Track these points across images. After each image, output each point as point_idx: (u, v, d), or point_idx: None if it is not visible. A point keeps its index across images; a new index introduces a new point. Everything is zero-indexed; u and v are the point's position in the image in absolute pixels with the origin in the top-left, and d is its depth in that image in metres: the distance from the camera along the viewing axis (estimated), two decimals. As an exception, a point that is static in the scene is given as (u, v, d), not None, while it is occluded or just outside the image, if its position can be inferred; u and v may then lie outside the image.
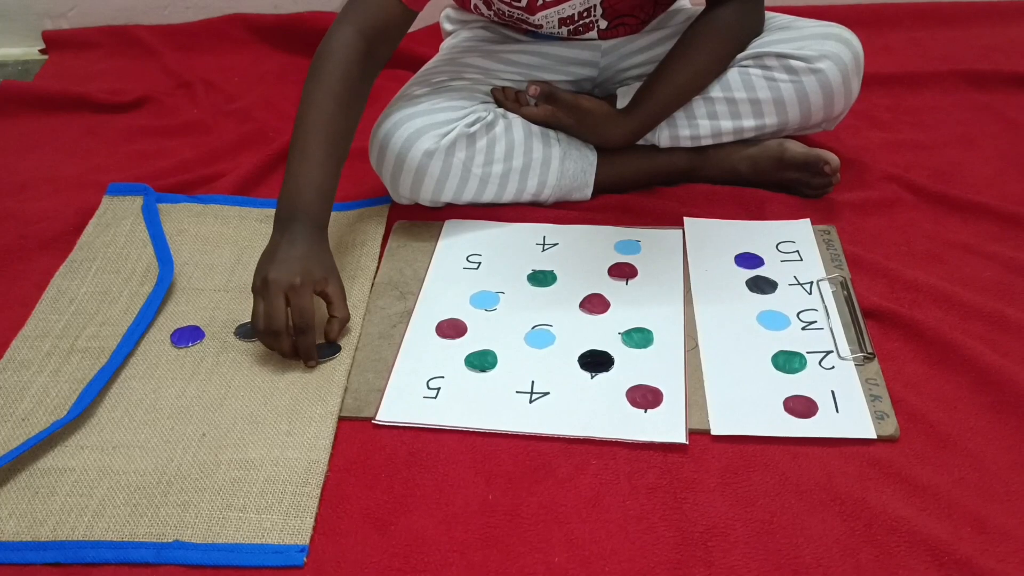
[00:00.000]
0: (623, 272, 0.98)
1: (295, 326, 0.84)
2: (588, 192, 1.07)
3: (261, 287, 0.83)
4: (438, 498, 0.75)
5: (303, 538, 0.71)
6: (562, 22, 1.04)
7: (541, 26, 1.04)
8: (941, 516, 0.72)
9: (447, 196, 1.02)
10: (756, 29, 1.06)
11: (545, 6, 1.01)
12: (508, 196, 1.04)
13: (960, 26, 1.46)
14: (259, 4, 1.52)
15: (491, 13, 1.06)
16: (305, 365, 0.85)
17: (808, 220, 1.03)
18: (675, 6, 1.12)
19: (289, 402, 0.83)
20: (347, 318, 0.88)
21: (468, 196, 1.02)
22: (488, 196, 1.03)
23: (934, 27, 1.46)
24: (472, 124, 1.00)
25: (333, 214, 1.06)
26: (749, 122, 1.04)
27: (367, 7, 0.93)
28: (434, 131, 0.98)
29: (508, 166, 1.02)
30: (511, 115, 1.05)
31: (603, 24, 1.05)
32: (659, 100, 1.03)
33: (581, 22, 1.04)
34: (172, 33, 1.50)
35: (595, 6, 1.02)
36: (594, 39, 1.08)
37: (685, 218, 1.04)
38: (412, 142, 0.98)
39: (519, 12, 1.02)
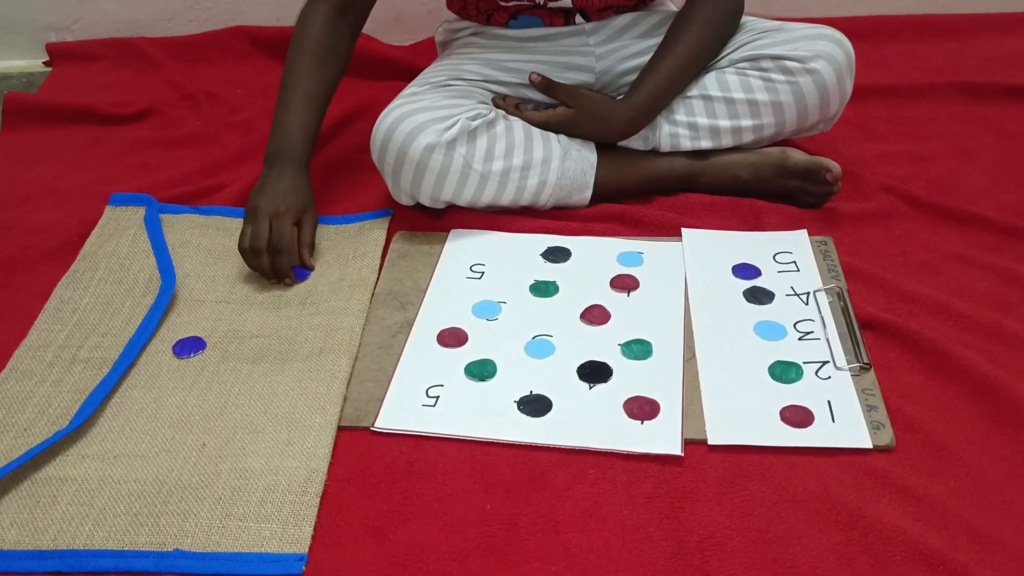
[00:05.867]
0: (625, 284, 0.98)
1: (274, 247, 0.97)
2: (587, 194, 1.07)
3: (250, 213, 0.98)
4: (437, 507, 0.75)
5: (302, 547, 0.72)
6: None
7: None
8: (937, 526, 0.72)
9: (447, 194, 1.02)
10: (735, 14, 1.09)
11: None
12: (508, 196, 1.04)
13: (957, 38, 1.47)
14: (262, 17, 1.53)
15: None
16: (281, 283, 0.99)
17: (805, 231, 1.04)
18: (668, 9, 1.14)
19: (288, 412, 0.83)
20: (312, 243, 1.02)
21: (468, 195, 1.03)
22: (488, 195, 1.03)
23: (931, 39, 1.47)
24: (474, 118, 1.01)
25: (334, 227, 1.09)
26: (747, 122, 1.06)
27: None
28: (436, 125, 0.99)
29: (509, 163, 1.02)
30: (512, 116, 1.06)
31: None
32: (654, 88, 1.04)
33: None
34: (175, 45, 1.51)
35: None
36: (571, 9, 1.09)
37: (683, 229, 1.05)
38: (414, 136, 0.98)
39: None
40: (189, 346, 0.91)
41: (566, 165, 1.05)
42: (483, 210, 1.07)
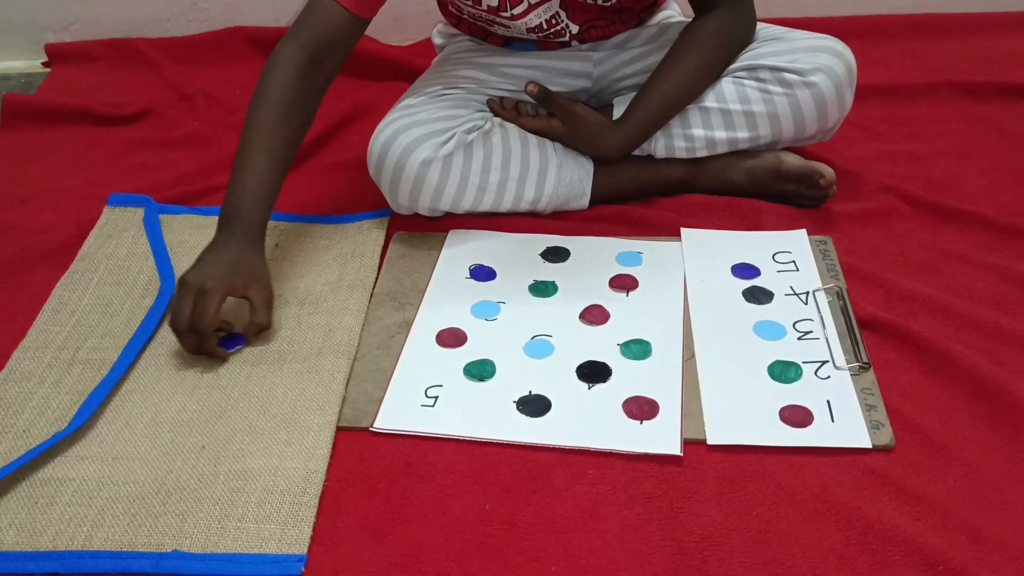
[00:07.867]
0: (624, 284, 0.98)
1: (192, 328, 0.85)
2: (585, 201, 1.07)
3: (177, 287, 0.87)
4: (436, 508, 0.75)
5: (301, 547, 0.72)
6: (530, 31, 1.04)
7: (509, 27, 1.04)
8: (936, 526, 0.72)
9: (445, 205, 1.02)
10: (746, 36, 1.06)
11: (513, 18, 1.01)
12: (506, 205, 1.05)
13: (956, 37, 1.47)
14: (260, 17, 1.53)
15: (467, 14, 1.06)
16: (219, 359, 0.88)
17: (804, 231, 1.04)
18: (669, 19, 1.13)
19: (288, 413, 0.83)
20: (265, 325, 0.90)
21: (466, 205, 1.03)
22: (486, 205, 1.04)
23: (930, 38, 1.47)
24: (470, 132, 1.01)
25: (332, 227, 1.08)
26: (743, 133, 1.05)
27: (313, 21, 0.95)
28: (432, 140, 0.99)
29: (505, 175, 1.03)
30: (508, 125, 1.05)
31: (574, 29, 1.05)
32: (650, 110, 1.03)
33: (551, 29, 1.04)
34: (174, 46, 1.51)
35: (558, 12, 1.02)
36: (566, 41, 1.08)
37: (682, 228, 1.05)
38: (410, 151, 0.98)
39: (486, 14, 1.02)
40: (232, 341, 0.90)
41: (562, 174, 1.05)
42: (482, 214, 1.07)
